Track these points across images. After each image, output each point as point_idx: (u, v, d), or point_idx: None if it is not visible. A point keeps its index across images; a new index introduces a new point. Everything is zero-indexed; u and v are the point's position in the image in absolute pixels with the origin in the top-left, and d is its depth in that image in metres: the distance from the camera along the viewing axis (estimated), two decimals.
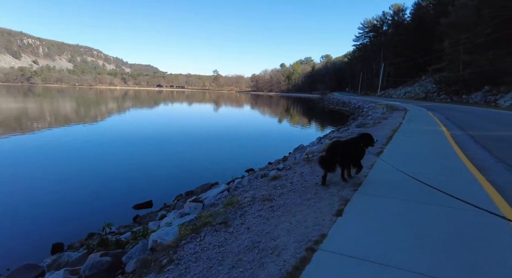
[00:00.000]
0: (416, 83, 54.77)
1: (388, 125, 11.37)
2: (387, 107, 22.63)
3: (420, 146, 7.18)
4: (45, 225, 6.68)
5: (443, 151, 6.65)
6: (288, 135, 20.95)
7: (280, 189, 4.15)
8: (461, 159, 5.94)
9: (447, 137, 8.57)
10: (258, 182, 4.86)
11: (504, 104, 25.10)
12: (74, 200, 8.06)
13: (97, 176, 10.23)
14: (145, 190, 9.01)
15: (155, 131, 20.20)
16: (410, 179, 4.41)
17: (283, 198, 3.66)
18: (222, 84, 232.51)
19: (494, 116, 16.31)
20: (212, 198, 4.84)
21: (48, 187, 8.93)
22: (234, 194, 4.51)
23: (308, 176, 4.76)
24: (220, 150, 15.08)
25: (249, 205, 3.51)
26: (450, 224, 2.83)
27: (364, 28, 78.92)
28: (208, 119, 31.02)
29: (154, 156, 13.33)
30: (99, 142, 15.71)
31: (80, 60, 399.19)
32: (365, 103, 34.45)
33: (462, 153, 6.47)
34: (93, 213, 7.35)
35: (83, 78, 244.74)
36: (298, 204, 3.41)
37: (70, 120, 23.88)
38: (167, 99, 74.20)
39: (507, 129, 11.07)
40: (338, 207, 3.30)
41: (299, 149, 11.08)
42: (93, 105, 44.52)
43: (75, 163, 11.64)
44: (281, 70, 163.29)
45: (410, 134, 8.94)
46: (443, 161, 5.75)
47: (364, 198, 3.59)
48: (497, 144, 7.76)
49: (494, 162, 6.01)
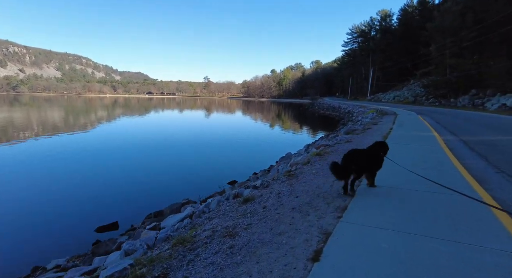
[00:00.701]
0: (404, 87, 55.29)
1: (378, 132, 10.83)
2: (377, 112, 22.31)
3: (413, 155, 6.58)
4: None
5: (438, 160, 6.05)
6: (278, 142, 20.30)
7: (250, 216, 3.42)
8: (459, 170, 5.34)
9: (440, 144, 8.03)
10: (227, 205, 4.12)
11: (491, 107, 25.13)
12: (29, 221, 7.14)
13: (63, 189, 9.30)
14: (115, 207, 8.16)
15: (140, 140, 19.26)
16: (405, 198, 3.77)
17: (249, 232, 2.93)
18: (213, 91, 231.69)
19: (482, 120, 16.06)
20: (169, 227, 4.09)
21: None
22: (196, 222, 3.75)
23: (286, 197, 4.05)
24: (207, 159, 14.30)
25: (205, 244, 2.76)
26: (465, 268, 2.15)
27: (353, 33, 79.91)
28: (196, 126, 30.12)
29: (134, 167, 12.45)
30: (75, 152, 14.69)
31: (69, 68, 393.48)
32: (354, 108, 34.24)
33: (458, 162, 5.89)
34: (48, 237, 6.46)
35: (72, 86, 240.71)
36: (267, 242, 2.68)
37: (48, 131, 22.67)
38: (157, 106, 72.91)
39: (498, 134, 10.66)
40: (316, 245, 2.59)
41: (285, 158, 10.39)
42: (77, 114, 43.08)
43: (39, 176, 10.65)
44: (271, 76, 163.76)
45: (401, 141, 8.37)
46: (439, 173, 5.13)
47: (350, 229, 2.89)
48: (492, 150, 7.25)
49: (494, 173, 5.44)
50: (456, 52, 35.53)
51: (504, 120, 15.92)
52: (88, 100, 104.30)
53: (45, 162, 12.79)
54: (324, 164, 5.88)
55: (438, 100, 37.67)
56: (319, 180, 4.81)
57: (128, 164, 13.07)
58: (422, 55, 47.79)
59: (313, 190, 4.28)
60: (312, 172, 5.35)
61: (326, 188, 4.31)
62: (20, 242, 6.31)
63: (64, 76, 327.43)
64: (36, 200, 8.52)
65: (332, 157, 6.49)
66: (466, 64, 34.58)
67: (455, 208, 3.43)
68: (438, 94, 39.09)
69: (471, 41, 33.02)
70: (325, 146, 8.73)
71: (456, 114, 20.74)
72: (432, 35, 39.63)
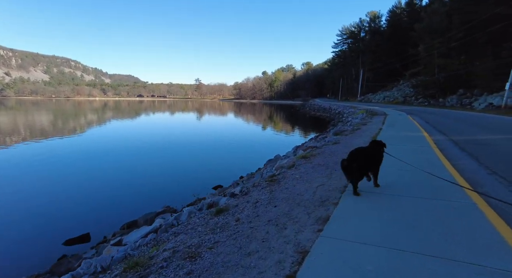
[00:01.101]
0: (394, 87, 55.79)
1: (367, 132, 10.56)
2: (367, 112, 22.20)
3: (402, 156, 6.28)
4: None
5: (429, 162, 5.76)
6: (269, 143, 19.92)
7: (219, 231, 3.00)
8: (451, 172, 5.04)
9: (430, 144, 7.77)
10: (198, 218, 3.69)
11: (479, 106, 25.36)
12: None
13: (35, 197, 8.70)
14: (92, 216, 7.62)
15: (129, 143, 18.53)
16: (392, 206, 3.41)
17: (214, 253, 2.51)
18: (204, 93, 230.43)
19: (471, 119, 16.04)
20: (131, 244, 3.63)
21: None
22: (160, 238, 3.32)
23: (263, 206, 3.65)
24: (196, 162, 13.75)
25: (160, 269, 2.33)
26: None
27: (343, 35, 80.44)
28: (187, 128, 29.47)
29: (119, 171, 11.88)
30: (55, 158, 13.98)
31: (57, 71, 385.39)
32: (345, 108, 34.19)
33: (449, 164, 5.60)
34: (9, 252, 5.90)
35: (60, 89, 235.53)
36: (232, 266, 2.27)
37: (30, 136, 21.76)
38: (147, 109, 71.71)
39: (486, 133, 10.51)
40: (290, 268, 2.20)
41: (272, 160, 10.01)
42: (63, 118, 41.85)
43: (12, 183, 9.98)
44: (263, 78, 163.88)
45: (391, 141, 8.08)
46: (430, 176, 4.82)
47: (329, 246, 2.50)
48: (481, 150, 7.02)
49: (486, 174, 5.17)
50: (444, 52, 35.95)
51: (491, 119, 15.93)
52: (77, 103, 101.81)
53: (20, 168, 12.08)
54: (308, 167, 5.53)
55: (427, 100, 38.01)
56: (301, 185, 4.43)
57: (113, 167, 12.47)
58: (411, 55, 48.41)
59: (294, 197, 3.90)
60: (296, 177, 4.97)
61: (309, 195, 3.93)
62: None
63: (52, 79, 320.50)
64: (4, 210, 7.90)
65: (318, 160, 6.14)
66: (454, 65, 35.04)
67: (449, 216, 3.09)
68: (427, 94, 39.47)
69: (458, 41, 33.46)
70: (312, 148, 8.39)
71: (445, 114, 20.78)
72: (421, 35, 40.06)
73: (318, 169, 5.30)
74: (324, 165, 5.57)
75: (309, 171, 5.19)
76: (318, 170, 5.23)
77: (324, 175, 4.88)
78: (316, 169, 5.32)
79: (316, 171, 5.20)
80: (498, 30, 29.73)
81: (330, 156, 6.47)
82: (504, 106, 20.85)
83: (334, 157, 6.33)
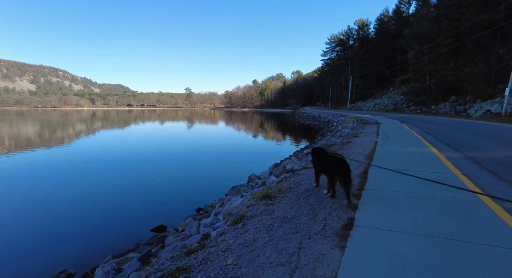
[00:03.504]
0: (384, 95, 54.81)
1: (359, 147, 8.42)
2: (358, 121, 20.28)
3: (420, 197, 4.10)
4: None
5: (463, 208, 3.59)
6: (252, 155, 17.90)
7: None
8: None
9: (448, 166, 5.64)
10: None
11: (475, 114, 23.82)
12: None
13: None
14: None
15: (113, 158, 16.31)
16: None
17: None
18: (195, 102, 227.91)
19: (474, 129, 14.15)
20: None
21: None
22: None
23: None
24: (180, 177, 11.88)
25: None
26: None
27: (331, 43, 79.98)
28: (176, 140, 26.98)
29: (96, 190, 9.90)
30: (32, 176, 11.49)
31: (44, 81, 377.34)
32: (334, 117, 32.41)
33: (501, 209, 3.44)
34: None
35: (47, 99, 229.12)
36: None
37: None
38: (137, 119, 68.59)
39: (505, 147, 8.49)
40: None
41: (234, 191, 7.74)
42: (44, 129, 38.56)
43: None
44: (253, 86, 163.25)
45: (394, 163, 5.95)
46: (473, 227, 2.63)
47: None
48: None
49: None
50: (434, 58, 34.89)
51: (497, 129, 14.10)
52: (63, 114, 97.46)
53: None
54: (264, 225, 3.23)
55: (419, 107, 36.67)
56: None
57: (89, 185, 10.58)
58: (399, 62, 47.68)
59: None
60: (224, 256, 2.68)
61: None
62: None
63: (39, 89, 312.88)
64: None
65: (286, 204, 3.90)
66: (445, 70, 33.96)
67: None
68: (418, 101, 38.22)
69: (448, 47, 32.41)
70: (288, 172, 6.15)
71: (442, 122, 19.01)
72: (409, 41, 39.12)
73: (279, 233, 3.01)
74: (293, 220, 3.30)
75: (258, 236, 2.92)
76: (277, 236, 2.94)
77: (284, 256, 2.57)
78: (274, 234, 3.02)
79: (272, 239, 2.89)
80: (486, 36, 28.86)
81: (306, 194, 4.22)
82: (504, 113, 19.24)
83: (313, 195, 4.10)
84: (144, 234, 6.29)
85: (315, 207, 3.69)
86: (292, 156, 10.79)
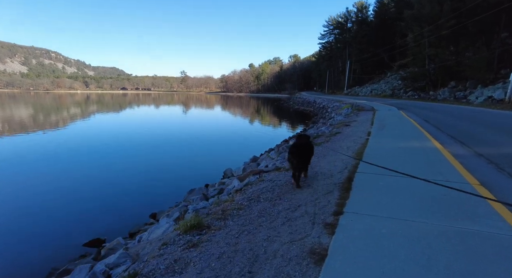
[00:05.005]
0: (382, 80, 53.30)
1: (348, 140, 7.24)
2: (352, 108, 19.03)
3: (420, 208, 2.94)
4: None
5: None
6: (245, 141, 16.97)
7: None
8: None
9: (457, 169, 4.49)
10: None
11: (476, 100, 22.65)
12: None
13: None
14: None
15: (101, 143, 15.43)
16: None
17: None
18: (190, 86, 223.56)
19: (480, 117, 12.99)
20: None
21: None
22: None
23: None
24: (168, 165, 11.22)
25: None
26: None
27: (329, 26, 77.09)
28: (170, 124, 25.67)
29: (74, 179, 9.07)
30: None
31: (36, 63, 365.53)
32: (330, 102, 31.07)
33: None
34: None
35: (39, 82, 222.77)
36: None
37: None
38: (132, 103, 66.34)
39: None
40: None
41: (192, 195, 6.50)
42: (38, 113, 36.61)
43: None
44: (250, 71, 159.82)
45: (388, 162, 4.79)
46: None
47: None
48: None
49: None
50: (434, 42, 33.22)
51: (504, 117, 12.97)
52: (56, 97, 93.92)
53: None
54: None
55: (416, 93, 35.38)
56: None
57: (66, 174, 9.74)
58: (399, 46, 45.81)
59: None
60: None
61: None
62: None
63: (30, 71, 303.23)
64: None
65: (220, 239, 2.69)
66: (445, 54, 32.43)
67: None
68: (416, 86, 36.87)
69: (449, 29, 30.68)
70: (256, 174, 4.95)
71: (442, 109, 17.84)
72: (410, 24, 37.23)
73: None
74: None
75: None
76: None
77: None
78: None
79: None
80: (489, 19, 27.21)
81: (258, 222, 2.94)
82: (508, 100, 18.07)
83: (266, 224, 2.87)
84: None
85: (259, 255, 2.33)
86: (274, 149, 9.56)
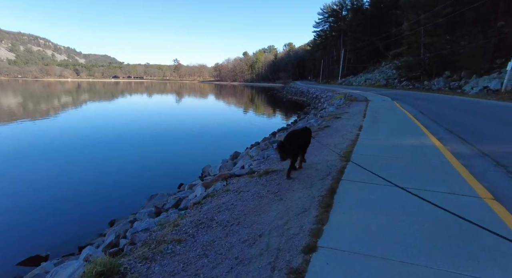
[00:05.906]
0: (376, 70, 52.47)
1: (337, 136, 6.52)
2: (345, 98, 18.29)
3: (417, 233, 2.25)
4: None
5: None
6: (234, 133, 16.18)
7: None
8: None
9: (462, 174, 3.81)
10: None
11: (471, 91, 22.10)
12: None
13: None
14: None
15: (88, 134, 14.47)
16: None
17: None
18: (183, 74, 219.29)
19: (478, 109, 12.35)
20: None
21: None
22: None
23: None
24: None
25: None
26: None
27: (324, 13, 75.27)
28: (161, 115, 24.66)
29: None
30: None
31: (24, 49, 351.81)
32: (323, 92, 30.29)
33: None
34: None
35: (27, 69, 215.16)
36: None
37: None
38: (124, 92, 64.32)
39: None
40: None
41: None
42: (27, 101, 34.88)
43: None
44: (244, 59, 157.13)
45: (378, 168, 4.09)
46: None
47: None
48: None
49: None
50: (430, 30, 32.35)
51: (503, 108, 12.38)
52: (46, 85, 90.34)
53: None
54: None
55: (411, 83, 34.75)
56: None
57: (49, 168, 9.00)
58: (394, 34, 44.81)
59: None
60: None
61: None
62: None
63: (18, 58, 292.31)
64: None
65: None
66: (441, 43, 31.66)
67: None
68: (411, 76, 36.20)
69: (446, 17, 29.79)
70: (225, 179, 4.20)
71: (437, 100, 17.23)
72: (405, 12, 36.23)
73: None
74: None
75: None
76: None
77: None
78: None
79: None
80: (487, 6, 26.37)
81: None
82: (504, 90, 17.52)
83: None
84: None
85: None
86: (259, 143, 8.78)
